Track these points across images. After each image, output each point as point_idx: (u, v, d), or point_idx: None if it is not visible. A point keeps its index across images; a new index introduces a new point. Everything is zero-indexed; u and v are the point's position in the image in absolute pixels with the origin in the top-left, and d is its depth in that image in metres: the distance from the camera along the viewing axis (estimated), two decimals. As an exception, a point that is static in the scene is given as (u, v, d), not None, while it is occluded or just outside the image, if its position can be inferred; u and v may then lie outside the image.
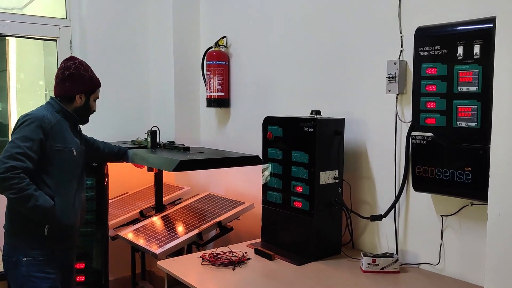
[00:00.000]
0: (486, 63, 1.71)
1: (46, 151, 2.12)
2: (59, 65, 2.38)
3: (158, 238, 2.58)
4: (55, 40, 3.46)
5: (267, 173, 2.43)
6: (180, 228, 2.66)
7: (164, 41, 3.50)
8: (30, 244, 2.12)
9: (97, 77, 2.41)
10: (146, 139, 3.10)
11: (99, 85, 2.41)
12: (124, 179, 3.49)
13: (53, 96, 2.34)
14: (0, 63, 3.82)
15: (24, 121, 2.12)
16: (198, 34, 3.49)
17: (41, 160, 2.10)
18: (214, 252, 2.27)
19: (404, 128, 2.15)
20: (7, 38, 3.73)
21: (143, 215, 3.05)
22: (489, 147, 1.42)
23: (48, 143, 2.13)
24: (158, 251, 2.42)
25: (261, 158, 2.49)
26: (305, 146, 2.24)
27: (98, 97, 2.42)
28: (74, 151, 2.24)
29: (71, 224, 2.21)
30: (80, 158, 2.30)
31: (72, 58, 2.38)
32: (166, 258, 2.41)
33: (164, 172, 3.10)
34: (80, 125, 2.43)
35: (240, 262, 2.17)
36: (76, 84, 2.28)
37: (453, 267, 2.03)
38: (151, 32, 3.65)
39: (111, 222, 2.95)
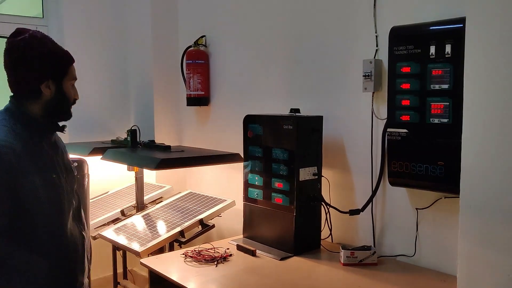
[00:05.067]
0: (457, 61, 1.78)
1: (17, 194, 1.49)
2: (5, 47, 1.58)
3: (139, 237, 2.59)
4: (32, 40, 3.42)
5: (247, 170, 2.47)
6: (161, 227, 2.68)
7: (143, 41, 3.50)
8: None
9: (65, 49, 1.67)
10: (126, 139, 3.10)
11: (71, 60, 1.67)
12: (105, 179, 3.49)
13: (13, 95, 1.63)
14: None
15: None
16: (177, 33, 3.50)
17: (12, 210, 1.49)
18: (196, 249, 2.30)
19: (380, 125, 2.22)
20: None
21: (124, 214, 3.05)
22: (460, 142, 1.49)
23: (18, 182, 1.48)
24: (140, 249, 2.44)
25: (242, 156, 2.53)
26: (284, 144, 2.28)
27: (75, 78, 1.69)
28: (57, 177, 1.60)
29: (80, 282, 1.67)
30: (69, 183, 1.67)
31: (20, 32, 1.58)
32: (148, 256, 2.43)
33: (145, 171, 3.11)
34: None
35: (222, 258, 2.21)
36: (34, 69, 1.55)
37: (428, 258, 2.11)
38: (130, 31, 3.64)
39: (92, 222, 2.94)
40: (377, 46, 2.23)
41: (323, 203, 2.36)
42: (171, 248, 2.67)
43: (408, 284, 1.94)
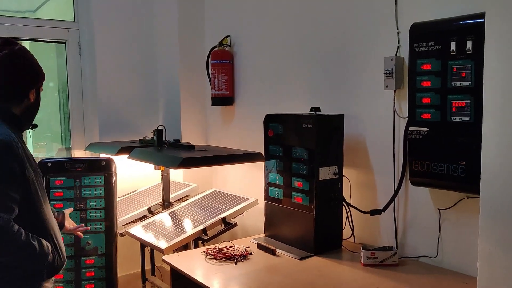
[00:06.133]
0: (479, 58, 1.72)
1: (25, 184, 1.71)
2: None
3: (164, 234, 2.64)
4: (64, 43, 3.55)
5: (274, 170, 2.47)
6: (186, 224, 2.73)
7: (170, 42, 3.56)
8: None
9: None
10: (152, 138, 3.17)
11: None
12: (134, 177, 3.58)
13: None
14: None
15: None
16: (203, 34, 3.54)
17: (22, 198, 1.70)
18: (217, 247, 2.32)
19: (402, 123, 2.18)
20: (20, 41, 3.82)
21: (151, 212, 3.12)
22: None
23: (27, 172, 1.71)
24: (164, 246, 2.49)
25: (263, 155, 2.54)
26: (304, 143, 2.28)
27: (42, 90, 1.94)
28: (39, 169, 1.85)
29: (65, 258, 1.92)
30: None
31: (11, 41, 1.81)
32: (174, 252, 2.48)
33: (172, 170, 3.17)
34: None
35: (242, 256, 2.23)
36: (28, 77, 1.80)
37: (450, 260, 2.06)
38: (157, 33, 3.71)
39: (120, 219, 3.02)
40: (398, 43, 2.19)
41: (344, 203, 2.34)
42: (196, 246, 2.71)
43: (427, 286, 1.91)
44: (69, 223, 2.25)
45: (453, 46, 1.83)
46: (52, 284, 1.88)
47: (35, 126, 1.95)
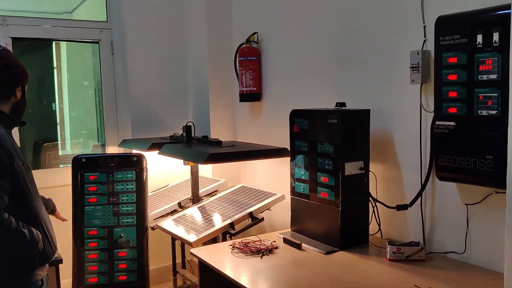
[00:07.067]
0: (506, 50, 1.69)
1: (14, 175, 1.80)
2: None
3: (194, 228, 2.71)
4: (98, 42, 3.67)
5: (300, 165, 2.48)
6: (214, 218, 2.78)
7: (199, 39, 3.62)
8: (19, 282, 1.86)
9: None
10: (182, 134, 3.25)
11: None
12: (165, 173, 3.67)
13: None
14: (48, 65, 4.07)
15: None
16: (230, 31, 3.58)
17: (12, 189, 1.80)
18: (243, 241, 2.37)
19: (429, 118, 2.15)
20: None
21: (181, 206, 3.20)
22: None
23: (15, 164, 1.80)
24: (193, 239, 2.55)
25: (289, 150, 2.56)
26: (330, 138, 2.28)
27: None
28: (28, 163, 1.93)
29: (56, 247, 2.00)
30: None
31: None
32: (203, 246, 2.54)
33: (202, 166, 3.23)
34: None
35: (268, 250, 2.26)
36: (13, 75, 1.91)
37: (479, 256, 2.03)
38: (187, 31, 3.78)
39: (151, 213, 3.11)
40: (425, 36, 2.16)
41: (370, 198, 2.34)
42: (224, 239, 2.77)
43: (454, 282, 1.88)
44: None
45: (479, 38, 1.79)
46: (45, 272, 1.96)
47: (24, 123, 2.05)
